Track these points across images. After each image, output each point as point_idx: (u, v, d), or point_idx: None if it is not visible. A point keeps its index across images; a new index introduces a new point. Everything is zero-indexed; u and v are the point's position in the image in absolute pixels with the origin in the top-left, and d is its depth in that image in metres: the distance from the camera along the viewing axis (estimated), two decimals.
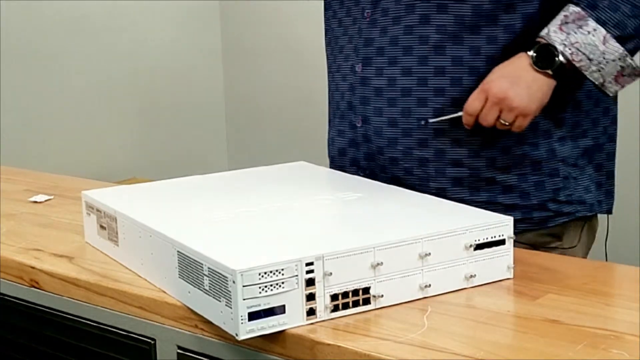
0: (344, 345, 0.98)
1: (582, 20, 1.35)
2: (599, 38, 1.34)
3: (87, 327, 1.26)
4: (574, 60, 1.35)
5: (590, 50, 1.35)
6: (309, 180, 1.49)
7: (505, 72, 1.39)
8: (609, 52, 1.35)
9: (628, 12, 1.35)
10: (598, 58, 1.35)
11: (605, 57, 1.35)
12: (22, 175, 2.01)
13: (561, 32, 1.36)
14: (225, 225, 1.21)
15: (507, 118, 1.38)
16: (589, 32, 1.35)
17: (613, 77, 1.38)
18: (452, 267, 1.13)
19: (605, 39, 1.34)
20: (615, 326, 1.00)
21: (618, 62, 1.36)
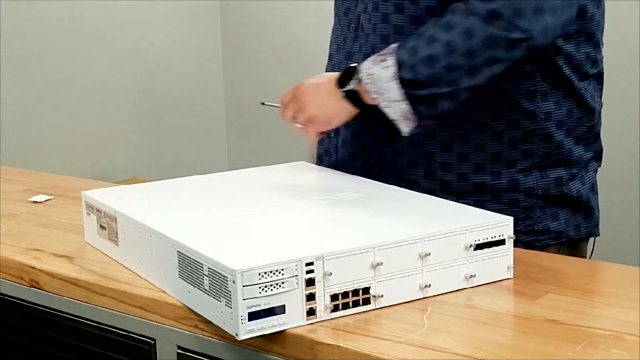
0: (344, 345, 0.98)
1: (388, 55, 1.33)
2: (388, 75, 1.32)
3: (87, 327, 1.26)
4: (368, 90, 1.35)
5: (380, 86, 1.33)
6: (309, 180, 1.49)
7: (321, 78, 1.44)
8: (392, 91, 1.32)
9: (424, 58, 1.31)
10: (385, 94, 1.33)
11: (389, 95, 1.33)
12: (22, 175, 2.01)
13: (370, 62, 1.36)
14: (225, 225, 1.21)
15: (298, 118, 1.43)
16: (384, 68, 1.33)
17: (401, 116, 1.34)
18: (452, 267, 1.13)
19: (392, 77, 1.32)
20: (615, 326, 1.00)
21: (401, 104, 1.32)
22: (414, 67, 1.31)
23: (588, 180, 1.51)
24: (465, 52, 1.29)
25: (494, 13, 1.28)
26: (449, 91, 1.32)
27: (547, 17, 1.29)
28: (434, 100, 1.32)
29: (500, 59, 1.30)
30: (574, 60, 1.44)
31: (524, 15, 1.27)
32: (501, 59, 1.30)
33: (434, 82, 1.31)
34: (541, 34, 1.29)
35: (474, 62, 1.30)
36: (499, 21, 1.28)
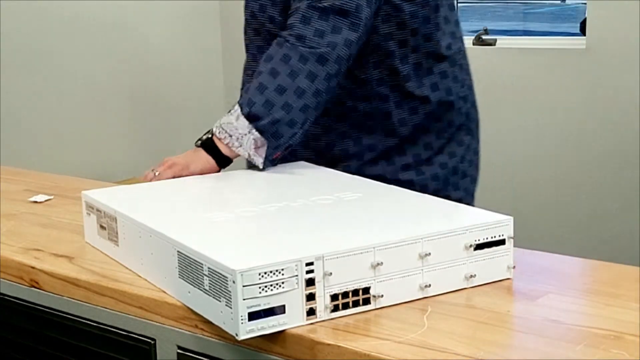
0: (344, 345, 0.98)
1: (235, 104, 1.53)
2: (235, 116, 1.52)
3: (87, 327, 1.26)
4: (220, 138, 1.53)
5: (230, 128, 1.52)
6: (309, 180, 1.49)
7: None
8: (240, 127, 1.51)
9: (254, 89, 1.51)
10: (235, 133, 1.51)
11: (239, 131, 1.51)
12: (22, 175, 2.01)
13: (225, 116, 1.54)
14: (225, 225, 1.21)
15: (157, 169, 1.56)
16: (231, 113, 1.53)
17: (253, 149, 1.52)
18: (452, 267, 1.13)
19: (238, 116, 1.51)
20: (615, 326, 1.00)
21: (250, 136, 1.51)
22: (250, 99, 1.51)
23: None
24: (288, 74, 1.50)
25: (299, 36, 1.51)
26: (285, 115, 1.50)
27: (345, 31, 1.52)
28: (275, 128, 1.51)
29: (316, 74, 1.51)
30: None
31: (325, 34, 1.51)
32: (318, 74, 1.51)
33: (269, 107, 1.50)
34: (344, 45, 1.52)
35: (297, 81, 1.50)
36: (305, 41, 1.51)
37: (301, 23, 1.52)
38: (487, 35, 3.93)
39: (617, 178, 3.54)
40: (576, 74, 3.59)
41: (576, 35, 3.86)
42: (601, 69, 3.52)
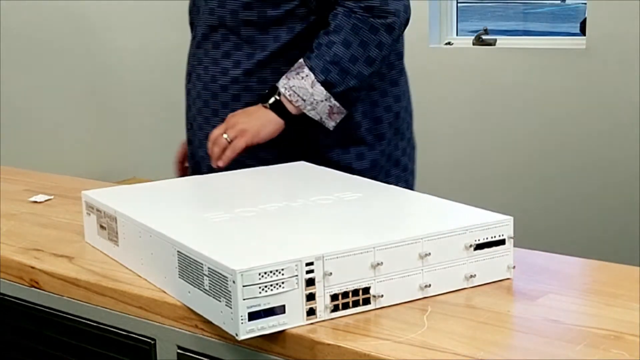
0: (344, 345, 0.98)
1: (300, 68, 1.61)
2: (309, 82, 1.60)
3: (87, 327, 1.26)
4: (292, 100, 1.61)
5: (303, 93, 1.59)
6: (309, 180, 1.49)
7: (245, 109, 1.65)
8: (317, 94, 1.60)
9: (329, 60, 1.59)
10: (310, 99, 1.60)
11: (314, 98, 1.60)
12: (22, 175, 2.01)
13: (285, 78, 1.61)
14: (225, 225, 1.21)
15: (229, 133, 1.62)
16: (302, 78, 1.60)
17: (327, 114, 1.62)
18: (452, 267, 1.13)
19: (313, 83, 1.59)
20: (615, 326, 1.00)
21: (326, 103, 1.60)
22: (325, 67, 1.59)
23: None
24: (359, 44, 1.60)
25: (367, 7, 1.60)
26: (357, 83, 1.62)
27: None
28: (349, 95, 1.62)
29: (385, 43, 1.63)
30: None
31: (389, 2, 1.61)
32: (385, 43, 1.63)
33: (344, 76, 1.60)
34: (404, 11, 1.66)
35: (368, 51, 1.61)
36: (374, 12, 1.60)
37: None
38: (487, 35, 3.93)
39: (617, 178, 3.54)
40: (576, 74, 3.59)
41: (576, 35, 3.85)
42: (601, 69, 3.53)
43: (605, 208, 3.59)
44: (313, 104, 1.60)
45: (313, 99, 1.59)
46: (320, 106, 1.60)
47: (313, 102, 1.60)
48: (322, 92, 1.59)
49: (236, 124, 1.62)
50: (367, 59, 1.61)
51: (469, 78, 3.82)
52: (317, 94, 1.59)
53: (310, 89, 1.59)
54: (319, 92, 1.59)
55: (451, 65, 3.86)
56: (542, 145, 3.70)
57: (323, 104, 1.60)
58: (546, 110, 3.68)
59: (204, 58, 1.76)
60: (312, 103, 1.60)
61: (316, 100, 1.59)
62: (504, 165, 3.80)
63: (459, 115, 3.87)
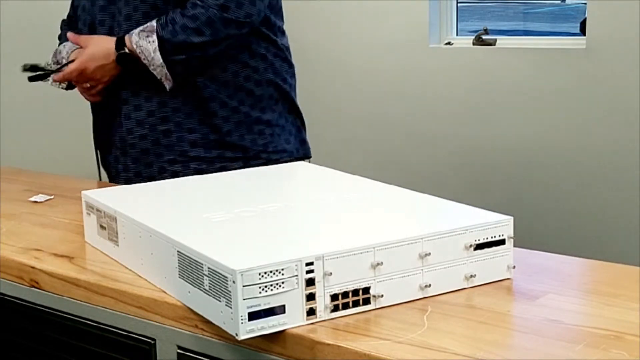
0: (344, 345, 0.98)
1: (151, 32, 1.84)
2: (152, 48, 1.84)
3: (87, 327, 1.26)
4: (140, 57, 1.85)
5: (147, 55, 1.84)
6: (309, 180, 1.49)
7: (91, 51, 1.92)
8: (156, 59, 1.84)
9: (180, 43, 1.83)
10: (152, 61, 1.84)
11: (154, 62, 1.84)
12: (22, 175, 2.01)
13: (137, 35, 1.85)
14: (225, 225, 1.21)
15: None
16: (149, 42, 1.84)
17: (164, 77, 1.86)
18: (452, 267, 1.13)
19: (155, 50, 1.83)
20: (615, 326, 1.00)
21: (163, 69, 1.85)
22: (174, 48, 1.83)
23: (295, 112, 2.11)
24: (210, 34, 1.84)
25: (223, 6, 1.84)
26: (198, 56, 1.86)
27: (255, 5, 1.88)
28: (187, 63, 1.86)
29: (233, 35, 1.87)
30: None
31: (242, 6, 1.85)
32: (234, 35, 1.87)
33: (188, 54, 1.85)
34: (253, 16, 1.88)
35: (217, 37, 1.85)
36: (228, 10, 1.84)
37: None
38: (487, 35, 3.92)
39: (617, 178, 3.54)
40: (576, 74, 3.59)
41: (576, 35, 3.85)
42: (601, 69, 3.52)
43: (605, 208, 3.58)
44: (154, 66, 1.85)
45: (153, 61, 1.84)
46: (158, 70, 1.85)
47: (153, 64, 1.85)
48: (159, 59, 1.84)
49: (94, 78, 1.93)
50: (212, 43, 1.85)
51: (469, 78, 3.82)
52: (156, 59, 1.84)
53: (152, 54, 1.83)
54: (158, 58, 1.84)
55: (451, 65, 3.86)
56: (542, 145, 3.70)
57: (160, 69, 1.84)
58: (546, 110, 3.68)
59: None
60: (153, 65, 1.85)
61: (155, 64, 1.84)
62: (503, 165, 3.80)
63: (458, 115, 3.87)
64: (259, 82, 1.97)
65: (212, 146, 1.92)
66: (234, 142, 1.93)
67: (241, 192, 1.42)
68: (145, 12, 1.88)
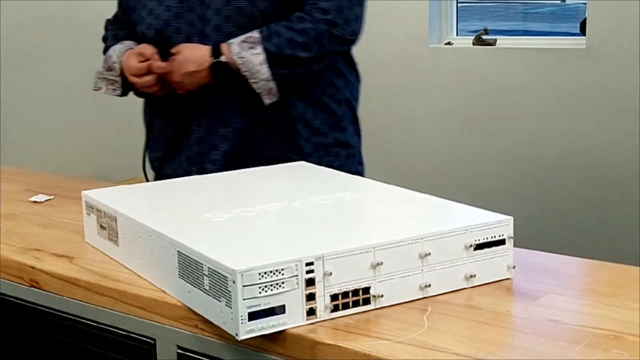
0: (344, 345, 0.98)
1: (255, 44, 1.75)
2: (259, 60, 1.74)
3: (87, 327, 1.26)
4: (241, 69, 1.75)
5: (251, 67, 1.74)
6: (309, 180, 1.49)
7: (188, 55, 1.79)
8: (262, 72, 1.74)
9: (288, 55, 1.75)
10: (255, 74, 1.75)
11: (259, 75, 1.75)
12: (22, 175, 2.01)
13: (238, 46, 1.76)
14: (225, 225, 1.21)
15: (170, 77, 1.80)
16: (254, 54, 1.75)
17: (266, 91, 1.76)
18: (452, 267, 1.13)
19: (262, 62, 1.74)
20: (615, 326, 1.01)
21: (267, 83, 1.75)
22: (279, 61, 1.75)
23: None
24: (317, 50, 1.77)
25: (331, 22, 1.77)
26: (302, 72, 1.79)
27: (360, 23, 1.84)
28: (289, 78, 1.78)
29: (336, 52, 1.83)
30: None
31: (349, 22, 1.80)
32: (337, 52, 1.83)
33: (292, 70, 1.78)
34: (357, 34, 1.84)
35: (323, 54, 1.79)
36: (336, 27, 1.78)
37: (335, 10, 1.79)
38: (487, 35, 3.93)
39: (617, 178, 3.54)
40: (576, 74, 3.59)
41: (576, 35, 3.85)
42: (601, 69, 3.52)
43: (605, 208, 3.58)
44: (257, 79, 1.75)
45: (258, 75, 1.74)
46: (262, 84, 1.75)
47: (257, 77, 1.75)
48: (266, 73, 1.74)
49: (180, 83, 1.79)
50: (317, 59, 1.79)
51: (469, 78, 3.82)
52: (262, 72, 1.74)
53: (258, 67, 1.74)
54: (264, 71, 1.74)
55: (451, 65, 3.86)
56: (542, 145, 3.70)
57: (264, 82, 1.75)
58: (546, 110, 3.68)
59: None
60: (257, 78, 1.75)
61: (260, 77, 1.74)
62: (504, 165, 3.80)
63: (458, 115, 3.87)
64: (340, 101, 1.90)
65: None
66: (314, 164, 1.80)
67: (241, 192, 1.42)
68: (239, 25, 1.79)
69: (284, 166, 1.58)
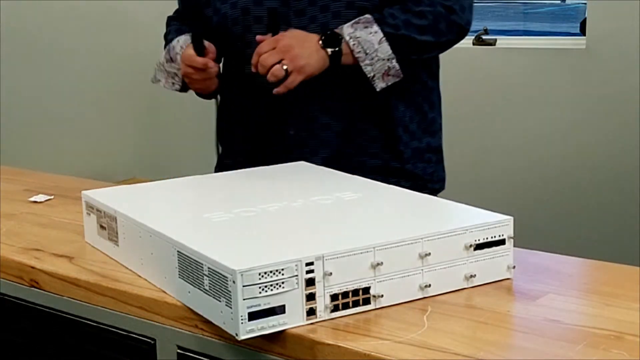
0: (344, 345, 0.98)
1: (369, 24, 1.62)
2: (377, 39, 1.61)
3: (87, 327, 1.26)
4: (354, 50, 1.61)
5: (368, 46, 1.60)
6: (309, 180, 1.49)
7: (297, 34, 1.62)
8: (381, 51, 1.61)
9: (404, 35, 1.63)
10: (372, 54, 1.61)
11: (377, 54, 1.61)
12: (22, 175, 2.00)
13: (351, 27, 1.61)
14: (225, 225, 1.21)
15: (288, 65, 1.57)
16: (370, 33, 1.61)
17: (381, 74, 1.63)
18: (452, 267, 1.13)
19: (381, 41, 1.61)
20: (615, 326, 1.01)
21: (386, 62, 1.62)
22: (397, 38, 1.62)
23: None
24: (434, 35, 1.66)
25: (450, 8, 1.67)
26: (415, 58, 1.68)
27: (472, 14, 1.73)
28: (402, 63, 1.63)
29: (451, 41, 1.71)
30: None
31: (464, 10, 1.69)
32: (451, 42, 1.71)
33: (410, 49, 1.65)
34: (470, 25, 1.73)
35: (439, 40, 1.68)
36: (454, 13, 1.67)
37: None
38: (487, 35, 3.93)
39: (617, 178, 3.54)
40: (576, 74, 3.59)
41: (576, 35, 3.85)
42: (601, 69, 3.52)
43: (606, 208, 3.58)
44: (373, 59, 1.61)
45: (376, 54, 1.61)
46: (379, 64, 1.61)
47: (374, 57, 1.61)
48: (387, 51, 1.61)
49: (296, 57, 1.58)
50: (436, 44, 1.68)
51: (469, 78, 3.82)
52: (381, 51, 1.61)
53: (377, 45, 1.60)
54: (385, 50, 1.61)
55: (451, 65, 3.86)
56: (542, 145, 3.70)
57: (382, 62, 1.61)
58: (546, 110, 3.68)
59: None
60: (373, 59, 1.61)
61: (378, 57, 1.61)
62: (504, 165, 3.80)
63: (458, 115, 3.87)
64: (432, 104, 1.81)
65: (391, 174, 1.71)
66: (410, 171, 1.75)
67: (241, 192, 1.42)
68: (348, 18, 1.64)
69: (284, 166, 1.58)
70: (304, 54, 1.59)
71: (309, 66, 1.59)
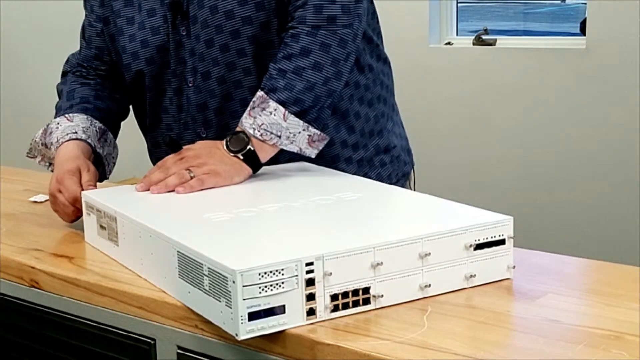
0: (344, 345, 0.98)
1: (265, 103, 1.46)
2: (280, 116, 1.45)
3: (87, 327, 1.26)
4: (266, 140, 1.46)
5: (277, 129, 1.46)
6: (309, 180, 1.49)
7: (205, 145, 1.50)
8: (292, 126, 1.46)
9: (302, 89, 1.46)
10: (285, 133, 1.46)
11: (290, 131, 1.46)
12: (22, 175, 2.01)
13: (250, 117, 1.47)
14: (225, 225, 1.21)
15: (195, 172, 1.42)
16: (271, 113, 1.46)
17: (306, 144, 1.49)
18: (452, 267, 1.13)
19: (285, 116, 1.45)
20: (615, 326, 1.00)
21: (304, 133, 1.47)
22: (297, 100, 1.46)
23: None
24: (331, 63, 1.48)
25: (330, 17, 1.47)
26: (330, 102, 1.51)
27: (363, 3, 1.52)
28: (321, 113, 1.49)
29: (352, 51, 1.51)
30: None
31: (349, 9, 1.49)
32: (353, 52, 1.51)
33: (317, 102, 1.48)
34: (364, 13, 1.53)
35: (339, 66, 1.49)
36: (337, 22, 1.48)
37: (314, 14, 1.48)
38: (487, 35, 3.93)
39: (617, 178, 3.54)
40: (576, 74, 3.59)
41: (576, 35, 3.86)
42: (601, 69, 3.53)
43: (605, 208, 3.58)
44: (290, 137, 1.46)
45: (289, 132, 1.46)
46: (299, 138, 1.47)
47: (289, 136, 1.46)
48: (297, 123, 1.46)
49: (204, 164, 1.44)
50: (336, 75, 1.49)
51: (469, 78, 3.82)
52: (292, 127, 1.46)
53: (284, 123, 1.45)
54: (294, 123, 1.46)
55: (451, 65, 3.86)
56: (542, 145, 3.70)
57: (301, 134, 1.47)
58: (546, 110, 3.68)
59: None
60: (289, 137, 1.46)
61: (293, 132, 1.46)
62: (503, 165, 3.80)
63: (458, 115, 3.87)
64: (371, 102, 1.65)
65: None
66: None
67: (241, 192, 1.42)
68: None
69: (283, 166, 1.58)
70: (214, 160, 1.45)
71: (226, 171, 1.44)
